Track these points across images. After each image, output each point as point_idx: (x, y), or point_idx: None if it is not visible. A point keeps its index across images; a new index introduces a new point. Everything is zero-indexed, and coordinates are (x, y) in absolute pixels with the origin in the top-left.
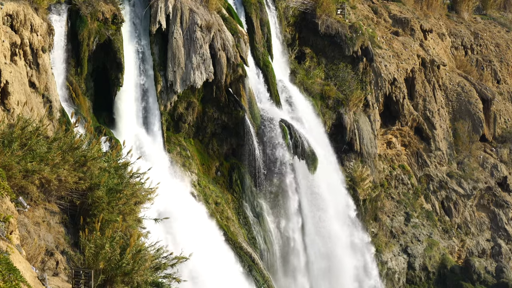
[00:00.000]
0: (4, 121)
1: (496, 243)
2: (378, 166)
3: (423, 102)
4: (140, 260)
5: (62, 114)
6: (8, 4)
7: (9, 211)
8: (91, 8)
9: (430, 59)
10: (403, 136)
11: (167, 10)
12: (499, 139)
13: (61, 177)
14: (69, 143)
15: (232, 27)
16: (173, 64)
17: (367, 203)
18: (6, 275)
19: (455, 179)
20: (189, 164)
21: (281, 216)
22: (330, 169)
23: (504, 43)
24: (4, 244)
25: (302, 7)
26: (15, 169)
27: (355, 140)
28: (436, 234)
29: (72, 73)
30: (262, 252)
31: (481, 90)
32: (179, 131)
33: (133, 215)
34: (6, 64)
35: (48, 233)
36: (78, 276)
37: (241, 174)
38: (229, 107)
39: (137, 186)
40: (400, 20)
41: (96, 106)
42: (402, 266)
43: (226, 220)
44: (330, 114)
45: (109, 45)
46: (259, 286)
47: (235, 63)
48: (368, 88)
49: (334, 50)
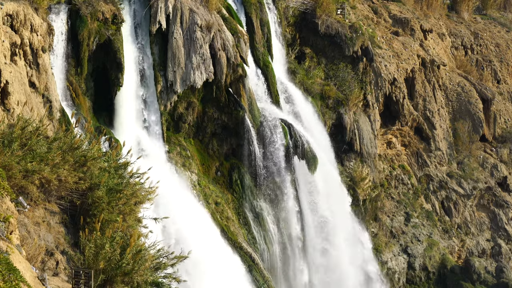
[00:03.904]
0: (4, 121)
1: (496, 243)
2: (378, 166)
3: (423, 102)
4: (140, 260)
5: (62, 114)
6: (8, 4)
7: (9, 211)
8: (91, 8)
9: (430, 59)
10: (403, 136)
11: (167, 10)
12: (499, 139)
13: (61, 177)
14: (69, 143)
15: (232, 27)
16: (173, 64)
17: (367, 203)
18: (6, 275)
19: (455, 179)
20: (189, 164)
21: (281, 216)
22: (330, 169)
23: (504, 43)
24: (4, 244)
25: (302, 7)
26: (15, 169)
27: (355, 140)
28: (436, 234)
29: (72, 73)
30: (262, 252)
31: (481, 90)
32: (179, 131)
33: (133, 215)
34: (6, 64)
35: (48, 233)
36: (78, 276)
37: (241, 174)
38: (229, 107)
39: (137, 186)
40: (400, 20)
41: (96, 106)
42: (402, 266)
43: (226, 220)
44: (330, 114)
45: (109, 45)
46: (259, 286)
47: (235, 63)
48: (368, 88)
49: (334, 50)
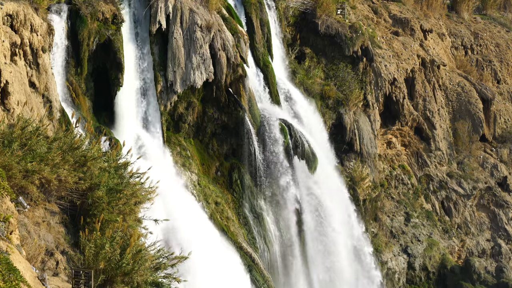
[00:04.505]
0: (4, 121)
1: (496, 243)
2: (378, 166)
3: (423, 102)
4: (140, 260)
5: (62, 114)
6: (8, 4)
7: (9, 211)
8: (91, 8)
9: (430, 59)
10: (403, 136)
11: (167, 10)
12: (499, 139)
13: (61, 177)
14: (69, 143)
15: (232, 27)
16: (173, 64)
17: (367, 203)
18: (6, 275)
19: (455, 179)
20: (189, 164)
21: (281, 216)
22: (330, 169)
23: (504, 43)
24: (4, 244)
25: (302, 7)
26: (15, 169)
27: (355, 140)
28: (436, 234)
29: (72, 73)
30: (262, 252)
31: (481, 90)
32: (179, 131)
33: (133, 215)
34: (6, 64)
35: (48, 233)
36: (78, 276)
37: (241, 174)
38: (229, 107)
39: (137, 186)
40: (400, 20)
41: (96, 106)
42: (402, 266)
43: (226, 220)
44: (330, 114)
45: (109, 45)
46: (259, 286)
47: (235, 63)
48: (368, 88)
49: (334, 50)
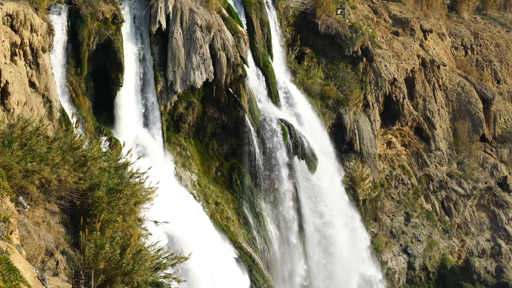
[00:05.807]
0: (4, 121)
1: (496, 243)
2: (378, 166)
3: (423, 102)
4: (140, 260)
5: (62, 114)
6: (8, 4)
7: (9, 211)
8: (91, 8)
9: (430, 59)
10: (403, 136)
11: (167, 10)
12: (499, 139)
13: (61, 177)
14: (69, 143)
15: (232, 27)
16: (173, 64)
17: (367, 203)
18: (6, 275)
19: (455, 179)
20: (189, 164)
21: (280, 216)
22: (330, 169)
23: (504, 43)
24: (4, 244)
25: (302, 7)
26: (15, 169)
27: (355, 140)
28: (436, 234)
29: (72, 73)
30: (262, 252)
31: (481, 90)
32: (179, 131)
33: (133, 215)
34: (6, 64)
35: (48, 233)
36: (78, 276)
37: (241, 174)
38: (229, 107)
39: (137, 186)
40: (400, 20)
41: (96, 106)
42: (402, 266)
43: (226, 220)
44: (330, 114)
45: (109, 45)
46: (259, 286)
47: (235, 63)
48: (368, 88)
49: (334, 50)
